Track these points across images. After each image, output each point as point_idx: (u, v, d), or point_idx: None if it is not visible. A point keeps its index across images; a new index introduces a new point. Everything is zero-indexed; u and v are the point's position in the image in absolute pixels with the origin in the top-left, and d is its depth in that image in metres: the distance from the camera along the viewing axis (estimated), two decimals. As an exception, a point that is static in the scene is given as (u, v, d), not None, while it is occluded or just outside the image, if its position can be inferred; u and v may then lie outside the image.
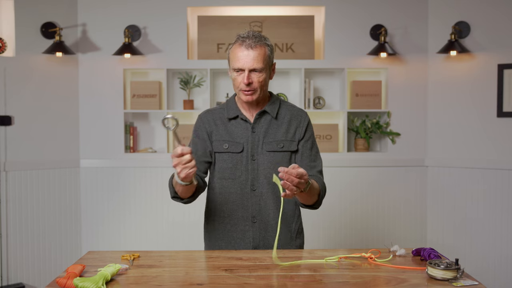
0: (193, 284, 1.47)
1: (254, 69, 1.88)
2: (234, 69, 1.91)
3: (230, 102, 2.06)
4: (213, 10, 3.99)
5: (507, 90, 3.60)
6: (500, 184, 3.65)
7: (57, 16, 3.74)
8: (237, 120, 2.00)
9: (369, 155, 3.93)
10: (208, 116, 2.04)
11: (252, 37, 1.89)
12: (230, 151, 1.97)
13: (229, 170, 1.98)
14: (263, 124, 1.99)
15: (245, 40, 1.89)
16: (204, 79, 3.97)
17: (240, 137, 1.98)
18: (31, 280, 3.67)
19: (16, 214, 3.61)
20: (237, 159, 1.97)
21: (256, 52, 1.87)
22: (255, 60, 1.87)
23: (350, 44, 3.89)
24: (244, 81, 1.88)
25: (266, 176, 1.96)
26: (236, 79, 1.93)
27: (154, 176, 3.90)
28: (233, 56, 1.91)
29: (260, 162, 1.97)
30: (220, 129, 2.00)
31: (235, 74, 1.92)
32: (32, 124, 3.68)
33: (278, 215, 1.96)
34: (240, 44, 1.89)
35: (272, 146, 1.97)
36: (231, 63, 1.92)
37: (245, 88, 1.90)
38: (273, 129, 1.99)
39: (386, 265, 1.64)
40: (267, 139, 1.98)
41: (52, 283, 1.45)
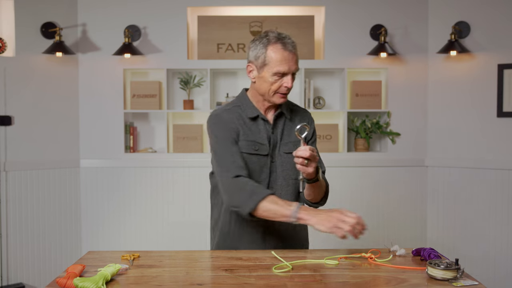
0: (193, 284, 1.47)
1: (294, 72, 1.86)
2: (275, 73, 1.83)
3: (245, 100, 1.97)
4: (213, 10, 3.99)
5: (507, 90, 3.60)
6: (500, 184, 3.65)
7: (57, 16, 3.74)
8: (258, 121, 1.94)
9: (369, 155, 3.93)
10: (229, 114, 1.92)
11: (287, 38, 1.85)
12: (259, 153, 1.91)
13: (256, 172, 1.90)
14: (280, 125, 1.96)
15: (286, 42, 1.84)
16: (204, 79, 3.97)
17: (263, 138, 1.92)
18: (31, 280, 3.67)
19: (16, 214, 3.61)
20: (262, 162, 1.91)
21: (296, 55, 1.86)
22: (296, 63, 1.86)
23: (350, 44, 3.89)
24: (288, 85, 1.84)
25: (285, 178, 1.94)
26: (275, 83, 1.85)
27: (154, 176, 3.90)
28: (274, 59, 1.83)
29: (278, 164, 1.94)
30: (245, 129, 1.91)
31: (276, 78, 1.84)
32: (32, 124, 3.68)
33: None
34: (283, 47, 1.83)
35: (289, 148, 1.94)
36: (272, 66, 1.83)
37: (285, 91, 1.86)
38: (288, 130, 1.97)
39: (386, 265, 1.64)
40: (283, 141, 1.95)
41: (52, 283, 1.45)
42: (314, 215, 1.69)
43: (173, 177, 3.90)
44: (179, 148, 3.90)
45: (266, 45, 1.85)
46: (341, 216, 1.65)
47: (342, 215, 1.65)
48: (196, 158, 3.89)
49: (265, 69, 1.85)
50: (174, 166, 3.89)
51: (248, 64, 1.92)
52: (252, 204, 1.75)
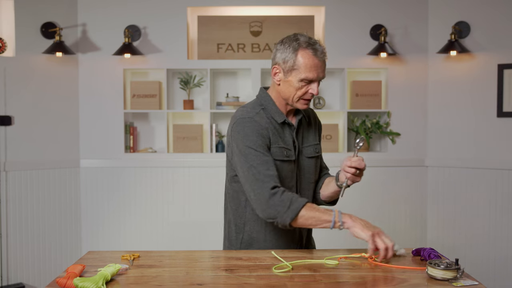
0: (193, 284, 1.47)
1: (321, 79, 1.84)
2: (302, 79, 1.79)
3: (269, 103, 1.89)
4: (213, 10, 3.99)
5: (507, 90, 3.60)
6: (500, 184, 3.65)
7: (57, 16, 3.74)
8: (285, 125, 1.89)
9: (369, 155, 3.93)
10: (261, 119, 1.84)
11: (318, 43, 1.81)
12: (289, 159, 1.87)
13: (288, 179, 1.86)
14: (301, 129, 1.95)
15: (317, 48, 1.79)
16: (204, 79, 3.97)
17: (289, 143, 1.89)
18: (31, 280, 3.67)
19: (16, 214, 3.61)
20: (292, 167, 1.88)
21: (325, 63, 1.83)
22: (324, 70, 1.83)
23: (350, 44, 3.89)
24: (314, 92, 1.81)
25: (306, 182, 1.94)
26: (301, 89, 1.80)
27: (154, 176, 3.90)
28: (304, 64, 1.78)
29: (301, 168, 1.93)
30: (275, 135, 1.85)
31: (302, 83, 1.80)
32: (32, 124, 3.68)
33: None
34: (313, 54, 1.78)
35: (311, 152, 1.94)
36: (301, 72, 1.78)
37: (310, 97, 1.84)
38: (306, 133, 1.96)
39: (386, 265, 1.64)
40: (304, 144, 1.94)
41: (52, 283, 1.45)
42: (356, 220, 1.73)
43: (173, 177, 3.90)
44: (179, 148, 3.90)
45: (297, 49, 1.79)
46: (381, 234, 1.68)
47: (382, 233, 1.69)
48: (196, 158, 3.89)
49: (293, 73, 1.80)
50: (174, 166, 3.89)
51: (274, 66, 1.85)
52: (292, 215, 1.70)
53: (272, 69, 1.87)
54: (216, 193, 3.90)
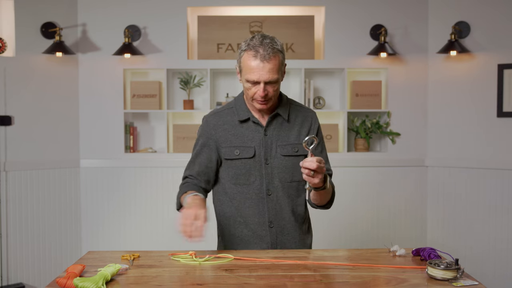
0: (193, 284, 1.47)
1: (270, 82, 1.81)
2: (247, 80, 1.83)
3: (239, 102, 1.97)
4: (213, 10, 3.99)
5: (507, 90, 3.60)
6: (500, 184, 3.65)
7: (57, 16, 3.74)
8: (248, 123, 1.94)
9: (369, 155, 3.93)
10: (215, 119, 1.97)
11: (265, 45, 1.79)
12: (241, 157, 1.91)
13: (243, 176, 1.93)
14: (275, 127, 1.95)
15: (258, 50, 1.78)
16: (204, 79, 3.97)
17: (251, 140, 1.92)
18: (31, 280, 3.67)
19: (16, 214, 3.61)
20: (250, 164, 1.92)
21: (271, 64, 1.79)
22: (271, 72, 1.80)
23: (350, 44, 3.89)
24: (260, 93, 1.82)
25: (281, 180, 1.94)
26: (249, 89, 1.84)
27: (154, 176, 3.90)
28: (246, 66, 1.82)
29: (274, 166, 1.93)
30: (229, 134, 1.93)
31: (249, 85, 1.83)
32: (32, 124, 3.68)
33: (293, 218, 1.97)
34: (254, 56, 1.79)
35: (287, 150, 1.94)
36: (244, 73, 1.83)
37: (259, 99, 1.85)
38: (285, 132, 1.96)
39: (386, 266, 1.64)
40: (280, 142, 1.94)
41: (52, 283, 1.45)
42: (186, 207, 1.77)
43: (173, 177, 3.89)
44: (179, 148, 3.90)
45: (243, 51, 1.84)
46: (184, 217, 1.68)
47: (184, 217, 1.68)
48: (196, 158, 3.88)
49: (241, 74, 1.87)
50: (174, 166, 3.89)
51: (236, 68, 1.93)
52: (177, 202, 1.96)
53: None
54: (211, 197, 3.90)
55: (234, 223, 1.97)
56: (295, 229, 1.98)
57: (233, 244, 1.98)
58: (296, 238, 1.98)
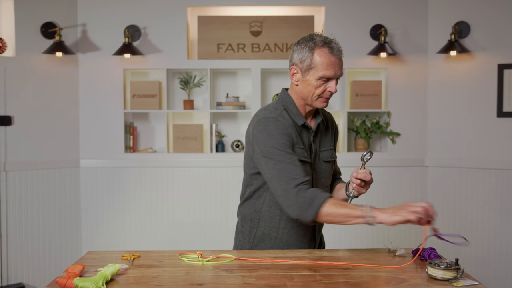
0: (193, 284, 1.47)
1: (339, 77, 1.85)
2: (320, 77, 1.81)
3: (291, 106, 1.90)
4: (213, 10, 3.99)
5: (507, 90, 3.60)
6: (500, 184, 3.65)
7: (57, 16, 3.74)
8: (303, 127, 1.91)
9: (369, 155, 3.93)
10: (284, 120, 1.86)
11: (334, 42, 1.84)
12: (307, 161, 1.88)
13: None
14: (318, 133, 1.96)
15: (333, 47, 1.82)
16: (204, 79, 3.97)
17: (307, 145, 1.92)
18: (31, 280, 3.67)
19: (16, 214, 3.61)
20: (308, 169, 1.90)
21: (342, 60, 1.84)
22: (341, 67, 1.84)
23: (350, 44, 3.88)
24: (333, 89, 1.82)
25: (322, 185, 1.96)
26: (319, 87, 1.82)
27: (154, 176, 3.90)
28: (321, 63, 1.80)
29: (318, 171, 1.94)
30: (296, 135, 1.87)
31: (320, 82, 1.81)
32: (32, 124, 3.68)
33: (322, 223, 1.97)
34: (330, 52, 1.81)
35: (327, 156, 1.96)
36: (318, 70, 1.80)
37: (329, 96, 1.85)
38: (324, 137, 1.98)
39: (386, 266, 1.64)
40: (321, 148, 1.96)
41: (52, 283, 1.45)
42: (382, 211, 1.66)
43: (173, 177, 3.90)
44: (179, 148, 3.90)
45: (313, 49, 1.82)
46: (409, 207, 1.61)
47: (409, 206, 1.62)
48: (196, 158, 3.89)
49: (310, 72, 1.82)
50: (174, 166, 3.89)
51: (292, 67, 1.88)
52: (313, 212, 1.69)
53: (290, 70, 1.90)
54: (216, 193, 3.91)
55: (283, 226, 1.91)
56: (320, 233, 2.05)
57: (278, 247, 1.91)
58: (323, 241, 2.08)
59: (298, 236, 1.92)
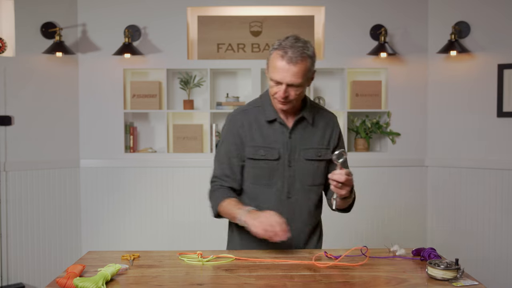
0: (193, 284, 1.47)
1: (292, 84, 1.80)
2: (271, 79, 1.83)
3: (266, 102, 1.95)
4: (213, 10, 3.99)
5: (507, 90, 3.60)
6: (500, 184, 3.65)
7: (57, 16, 3.74)
8: (275, 124, 1.92)
9: (369, 155, 3.93)
10: (242, 117, 1.95)
11: (294, 48, 1.78)
12: (266, 158, 1.90)
13: (265, 177, 1.92)
14: (300, 130, 1.94)
15: (286, 52, 1.77)
16: (204, 79, 3.97)
17: (276, 142, 1.91)
18: (31, 280, 3.67)
19: (16, 214, 3.61)
20: (274, 166, 1.90)
21: (297, 68, 1.77)
22: (295, 76, 1.78)
23: (350, 44, 3.88)
24: (280, 94, 1.82)
25: (302, 184, 1.93)
26: (272, 88, 1.85)
27: (154, 176, 3.90)
28: (272, 65, 1.82)
29: (296, 169, 1.92)
30: (255, 133, 1.92)
31: (272, 83, 1.83)
32: (32, 124, 3.68)
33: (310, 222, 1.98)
34: (282, 56, 1.78)
35: (311, 154, 1.93)
36: (270, 72, 1.83)
37: (279, 99, 1.84)
38: (309, 135, 1.95)
39: (386, 266, 1.64)
40: (304, 146, 1.93)
41: (52, 283, 1.45)
42: (254, 218, 1.73)
43: (173, 177, 3.90)
44: (179, 148, 3.90)
45: (273, 49, 1.83)
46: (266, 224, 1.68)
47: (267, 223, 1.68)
48: (196, 158, 3.89)
49: (268, 72, 1.86)
50: (174, 166, 3.89)
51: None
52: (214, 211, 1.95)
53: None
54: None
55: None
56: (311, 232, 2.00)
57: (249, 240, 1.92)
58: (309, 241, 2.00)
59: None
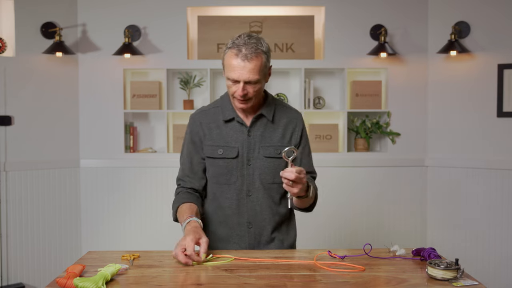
0: (193, 284, 1.47)
1: (250, 81, 1.80)
2: (227, 78, 1.83)
3: (225, 102, 1.97)
4: (213, 10, 3.99)
5: (507, 90, 3.60)
6: (500, 184, 3.65)
7: (57, 16, 3.74)
8: (233, 123, 1.94)
9: (369, 155, 3.93)
10: (201, 117, 1.98)
11: (248, 45, 1.78)
12: (224, 157, 1.91)
13: (224, 175, 1.93)
14: (259, 128, 1.94)
15: (240, 49, 1.78)
16: (204, 79, 3.97)
17: (235, 141, 1.92)
18: (31, 280, 3.67)
19: (16, 214, 3.61)
20: (232, 164, 1.92)
21: (252, 64, 1.78)
22: (251, 72, 1.78)
23: (350, 44, 3.88)
24: (239, 92, 1.81)
25: (262, 182, 1.93)
26: (230, 87, 1.84)
27: (154, 176, 3.90)
28: (227, 64, 1.82)
29: (256, 167, 1.92)
30: (214, 133, 1.94)
31: (230, 83, 1.83)
32: (32, 124, 3.68)
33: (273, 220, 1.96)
34: (235, 54, 1.78)
35: (270, 152, 1.92)
36: (226, 71, 1.84)
37: (238, 98, 1.83)
38: (269, 133, 1.94)
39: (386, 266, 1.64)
40: (263, 143, 1.93)
41: (52, 283, 1.45)
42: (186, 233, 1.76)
43: (173, 177, 3.86)
44: (179, 148, 3.89)
45: (227, 49, 1.83)
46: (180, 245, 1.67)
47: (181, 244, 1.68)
48: (196, 158, 3.88)
49: (224, 71, 1.86)
50: (174, 166, 3.86)
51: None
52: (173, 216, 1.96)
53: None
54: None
55: (215, 222, 1.99)
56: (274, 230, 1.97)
57: (215, 242, 1.97)
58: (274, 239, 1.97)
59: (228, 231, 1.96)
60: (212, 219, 2.00)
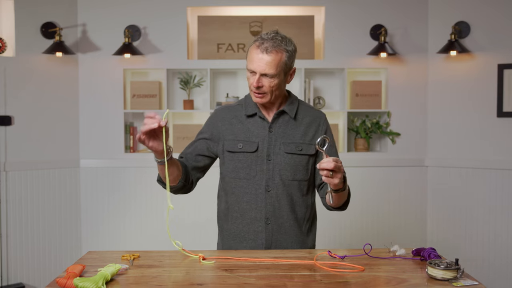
0: (193, 284, 1.47)
1: (266, 74, 1.84)
2: (247, 69, 1.89)
3: (248, 98, 2.01)
4: (213, 10, 3.99)
5: (507, 90, 3.61)
6: (500, 184, 3.65)
7: (57, 16, 3.74)
8: (255, 118, 1.97)
9: (369, 155, 3.93)
10: (224, 113, 2.02)
11: (271, 40, 1.84)
12: (244, 151, 1.94)
13: (244, 170, 1.94)
14: (281, 124, 1.97)
15: (263, 42, 1.84)
16: (204, 79, 3.97)
17: (256, 136, 1.95)
18: (31, 280, 3.67)
19: (16, 214, 3.61)
20: (252, 159, 1.94)
21: (271, 58, 1.83)
22: (268, 65, 1.83)
23: (350, 44, 3.89)
24: (254, 83, 1.86)
25: (282, 178, 1.94)
26: (249, 79, 1.90)
27: (154, 176, 3.86)
28: (249, 55, 1.88)
29: (276, 163, 1.94)
30: (236, 128, 1.97)
31: (249, 74, 1.89)
32: (32, 124, 3.68)
33: (292, 217, 1.96)
34: (257, 46, 1.85)
35: (291, 148, 1.94)
36: (247, 62, 1.89)
37: (255, 90, 1.88)
38: (291, 130, 1.97)
39: (386, 266, 1.64)
40: (285, 140, 1.95)
41: (52, 283, 1.45)
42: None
43: (173, 177, 3.89)
44: (179, 148, 3.90)
45: (253, 42, 1.89)
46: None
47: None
48: (196, 158, 3.88)
49: (247, 65, 1.91)
50: (174, 166, 3.88)
51: None
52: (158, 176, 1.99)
53: None
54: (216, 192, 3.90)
55: (231, 218, 1.99)
56: (293, 228, 1.97)
57: (229, 239, 1.99)
58: (293, 238, 1.97)
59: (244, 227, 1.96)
60: (228, 215, 2.00)
